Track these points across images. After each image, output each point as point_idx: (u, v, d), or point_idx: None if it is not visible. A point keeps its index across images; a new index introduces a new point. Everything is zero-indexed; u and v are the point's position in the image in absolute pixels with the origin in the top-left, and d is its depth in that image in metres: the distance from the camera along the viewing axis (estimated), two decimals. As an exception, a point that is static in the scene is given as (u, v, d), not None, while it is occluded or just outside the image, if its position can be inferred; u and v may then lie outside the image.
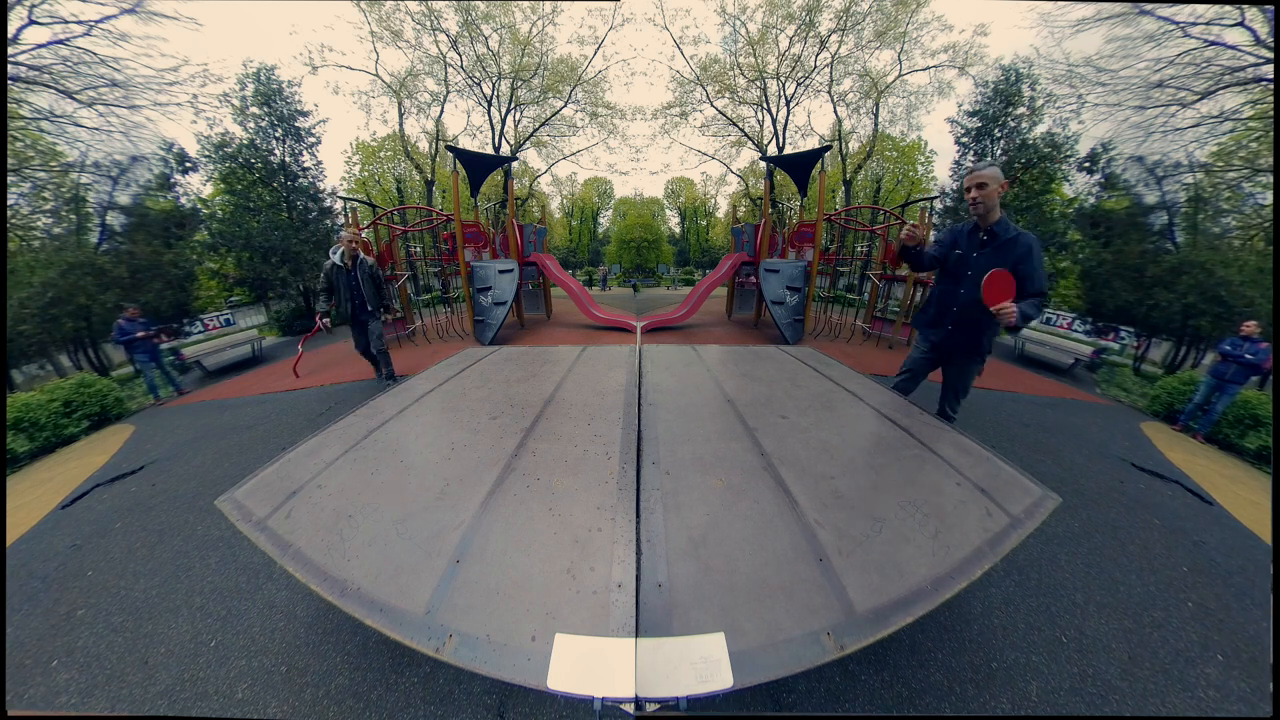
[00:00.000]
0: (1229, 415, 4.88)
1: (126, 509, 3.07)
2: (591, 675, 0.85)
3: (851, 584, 1.05)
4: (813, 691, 1.64)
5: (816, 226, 8.09)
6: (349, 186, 19.97)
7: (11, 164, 8.63)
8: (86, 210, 9.78)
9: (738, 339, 8.57)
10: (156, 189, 11.10)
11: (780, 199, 15.03)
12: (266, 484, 1.51)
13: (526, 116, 19.71)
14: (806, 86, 18.30)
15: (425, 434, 1.96)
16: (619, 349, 3.47)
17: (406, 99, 18.18)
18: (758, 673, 0.86)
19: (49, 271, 8.42)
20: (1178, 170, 10.12)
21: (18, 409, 4.55)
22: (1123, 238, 10.43)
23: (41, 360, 8.77)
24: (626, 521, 1.26)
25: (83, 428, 4.96)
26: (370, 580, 1.08)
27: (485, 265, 8.10)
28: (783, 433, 1.85)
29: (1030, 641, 1.88)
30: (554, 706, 1.59)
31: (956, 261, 2.55)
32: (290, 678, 1.72)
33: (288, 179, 14.11)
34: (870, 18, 16.42)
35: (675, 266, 31.43)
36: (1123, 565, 2.43)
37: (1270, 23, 8.39)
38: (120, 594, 2.20)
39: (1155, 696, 1.66)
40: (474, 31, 16.68)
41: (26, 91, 8.82)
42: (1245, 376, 4.87)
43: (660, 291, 21.89)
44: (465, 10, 16.30)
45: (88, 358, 9.36)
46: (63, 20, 9.07)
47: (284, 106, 13.99)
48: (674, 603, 0.99)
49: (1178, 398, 5.58)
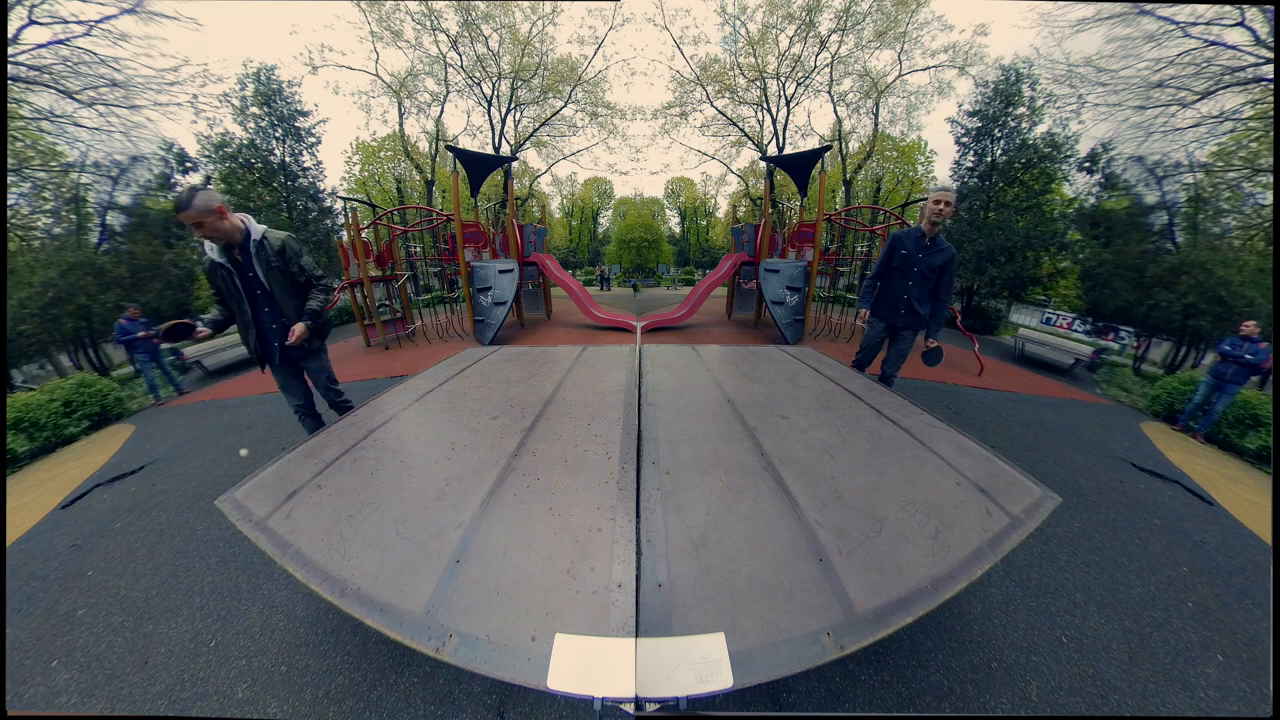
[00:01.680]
0: (1229, 415, 4.88)
1: (126, 509, 3.07)
2: (591, 675, 0.85)
3: (851, 584, 1.05)
4: (813, 691, 1.64)
5: (816, 226, 8.10)
6: (349, 186, 19.99)
7: (12, 164, 8.63)
8: (86, 210, 9.80)
9: (738, 339, 8.57)
10: (156, 189, 11.11)
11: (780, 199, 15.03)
12: (266, 484, 1.51)
13: (526, 116, 19.73)
14: (806, 86, 18.31)
15: (425, 434, 1.96)
16: (619, 349, 3.47)
17: (406, 99, 18.19)
18: (758, 673, 0.85)
19: (49, 271, 8.42)
20: (1178, 170, 10.14)
21: (18, 409, 4.55)
22: (1123, 238, 10.43)
23: (41, 360, 8.78)
24: (626, 521, 1.25)
25: (83, 428, 4.96)
26: (370, 580, 1.08)
27: (485, 265, 8.10)
28: (783, 433, 1.85)
29: (1030, 641, 1.88)
30: (554, 706, 1.59)
31: (903, 260, 3.17)
32: (290, 678, 1.72)
33: (288, 179, 14.14)
34: (870, 18, 16.43)
35: (675, 266, 31.44)
36: (1123, 565, 2.43)
37: (1270, 23, 8.39)
38: (120, 594, 2.20)
39: (1155, 696, 1.66)
40: (474, 31, 16.69)
41: (27, 91, 8.83)
42: (1245, 376, 4.86)
43: (660, 291, 21.89)
44: (465, 10, 16.30)
45: (88, 358, 9.37)
46: (63, 20, 9.08)
47: (284, 106, 14.02)
48: (674, 603, 0.99)
49: (1178, 398, 5.58)
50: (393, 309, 9.21)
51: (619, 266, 28.03)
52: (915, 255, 3.11)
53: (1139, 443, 4.66)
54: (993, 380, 6.53)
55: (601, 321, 9.26)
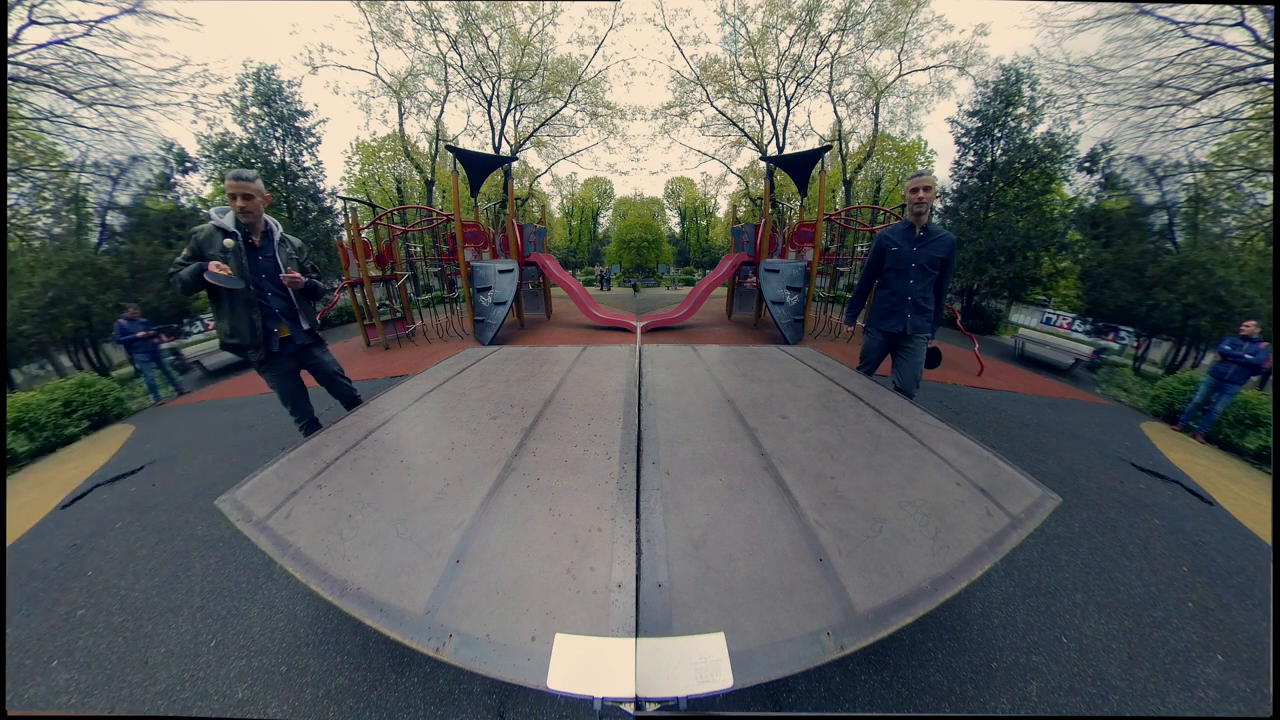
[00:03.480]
0: (1229, 415, 4.87)
1: (127, 509, 3.07)
2: (591, 675, 0.85)
3: (851, 584, 1.05)
4: (813, 691, 1.64)
5: (816, 226, 8.10)
6: (349, 186, 20.00)
7: (11, 164, 8.63)
8: (86, 210, 9.79)
9: (738, 339, 8.57)
10: (156, 189, 11.12)
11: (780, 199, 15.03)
12: (266, 484, 1.51)
13: (526, 116, 19.74)
14: (806, 86, 18.32)
15: (425, 434, 1.96)
16: (619, 349, 3.47)
17: (406, 99, 18.20)
18: (758, 673, 0.85)
19: (49, 271, 8.41)
20: (1178, 170, 10.13)
21: (18, 409, 4.55)
22: (1123, 238, 10.42)
23: (42, 360, 8.77)
24: (626, 521, 1.25)
25: (83, 428, 4.96)
26: (370, 580, 1.08)
27: (485, 265, 8.10)
28: (783, 433, 1.85)
29: (1030, 641, 1.88)
30: (554, 706, 1.59)
31: (896, 259, 2.89)
32: (290, 677, 1.72)
33: (288, 179, 14.14)
34: (870, 18, 16.44)
35: (675, 266, 31.44)
36: (1123, 565, 2.43)
37: (1270, 23, 8.39)
38: (120, 594, 2.20)
39: (1155, 696, 1.66)
40: (474, 31, 16.69)
41: (27, 91, 8.82)
42: (1245, 376, 4.87)
43: (660, 291, 21.89)
44: (465, 10, 16.31)
45: (88, 357, 9.37)
46: (63, 20, 9.07)
47: (284, 106, 14.02)
48: (674, 603, 0.99)
49: (1178, 398, 5.58)
50: (393, 309, 9.22)
51: (619, 266, 28.03)
52: (908, 249, 2.83)
53: (1139, 443, 4.66)
54: (993, 380, 6.53)
55: (601, 321, 9.26)
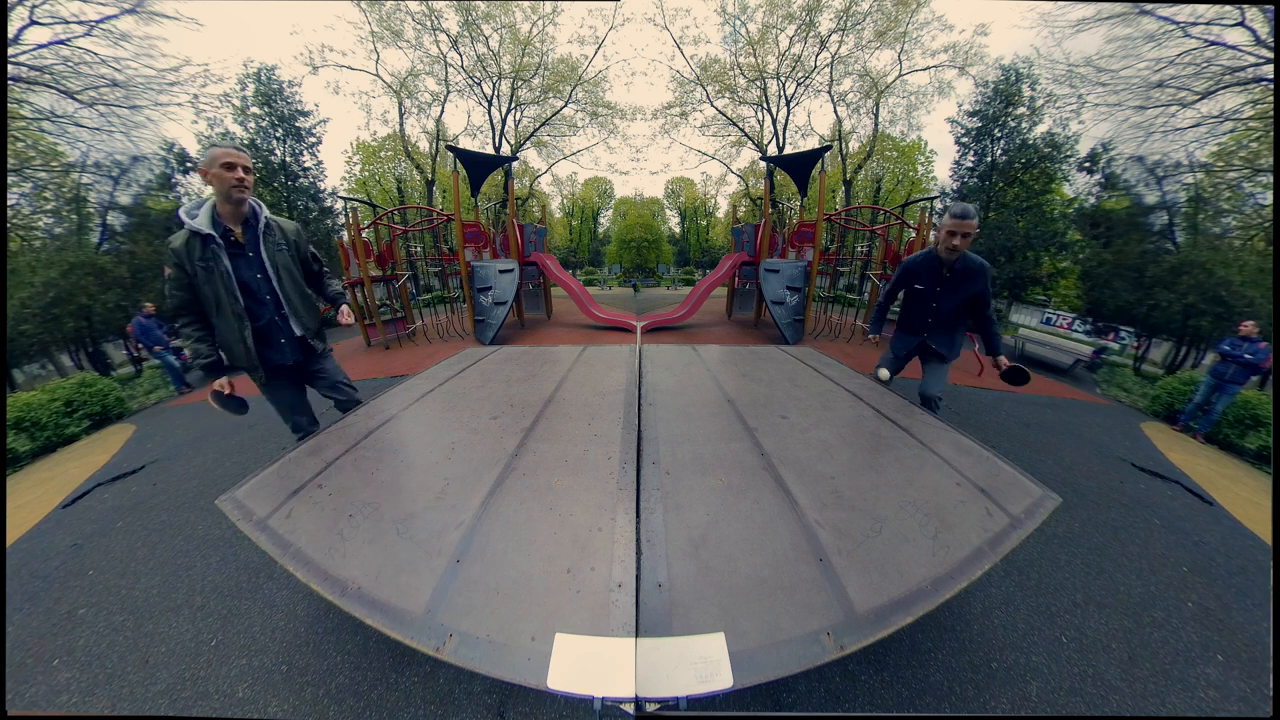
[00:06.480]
0: (1229, 415, 4.87)
1: (127, 508, 3.07)
2: (591, 675, 0.85)
3: (851, 584, 1.05)
4: (813, 691, 1.64)
5: (816, 226, 8.09)
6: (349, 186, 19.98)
7: (12, 164, 8.64)
8: (87, 210, 9.80)
9: (738, 339, 8.57)
10: (157, 189, 11.13)
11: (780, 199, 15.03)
12: (267, 484, 1.52)
13: (527, 116, 19.73)
14: (806, 86, 18.30)
15: (425, 434, 1.96)
16: (619, 349, 3.47)
17: (407, 99, 18.19)
18: (758, 673, 0.86)
19: (50, 271, 8.42)
20: (1178, 170, 10.14)
21: (19, 408, 4.55)
22: (1123, 238, 10.43)
23: (43, 360, 8.78)
24: (626, 521, 1.26)
25: (84, 427, 4.96)
26: (370, 580, 1.08)
27: (485, 265, 8.10)
28: (783, 433, 1.85)
29: (1030, 641, 1.88)
30: (554, 706, 1.59)
31: (919, 295, 2.67)
32: (290, 677, 1.72)
33: (288, 179, 14.15)
34: (870, 18, 16.42)
35: (675, 266, 31.43)
36: (1123, 565, 2.43)
37: (1270, 23, 8.39)
38: (121, 593, 2.20)
39: (1155, 696, 1.66)
40: (474, 31, 16.69)
41: (27, 91, 8.83)
42: (1245, 376, 4.86)
43: (660, 291, 21.90)
44: (465, 10, 16.30)
45: (89, 357, 9.37)
46: (63, 20, 9.08)
47: (284, 106, 14.04)
48: (674, 603, 0.99)
49: (1178, 398, 5.58)
50: (393, 309, 9.22)
51: (619, 266, 28.03)
52: (933, 290, 2.58)
53: (1139, 443, 4.66)
54: (993, 380, 6.52)
55: (601, 321, 9.26)
